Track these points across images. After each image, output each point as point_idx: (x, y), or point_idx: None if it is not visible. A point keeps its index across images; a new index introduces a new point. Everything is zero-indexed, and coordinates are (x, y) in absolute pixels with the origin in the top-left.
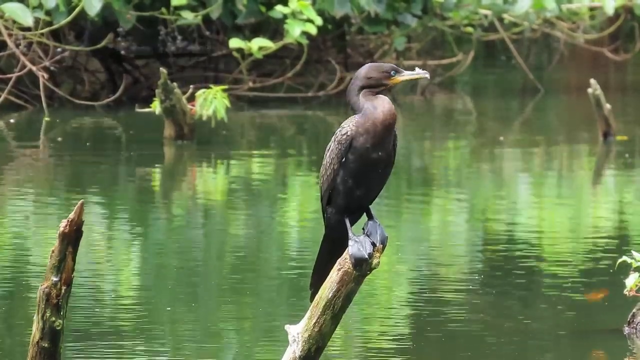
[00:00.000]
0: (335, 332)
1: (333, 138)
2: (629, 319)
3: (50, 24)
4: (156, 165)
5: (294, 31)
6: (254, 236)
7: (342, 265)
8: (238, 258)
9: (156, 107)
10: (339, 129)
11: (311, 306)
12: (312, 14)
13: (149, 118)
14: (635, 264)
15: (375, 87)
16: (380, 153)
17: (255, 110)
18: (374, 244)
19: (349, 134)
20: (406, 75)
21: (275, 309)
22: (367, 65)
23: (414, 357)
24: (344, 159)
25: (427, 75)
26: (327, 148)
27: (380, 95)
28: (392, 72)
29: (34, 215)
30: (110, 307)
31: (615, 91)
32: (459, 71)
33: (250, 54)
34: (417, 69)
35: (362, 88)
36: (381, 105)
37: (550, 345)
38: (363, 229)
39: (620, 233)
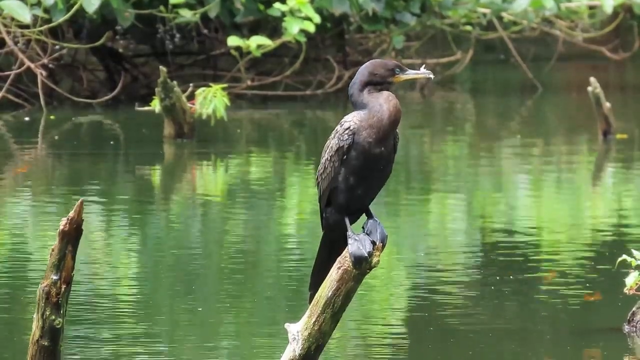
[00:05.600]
0: (335, 330)
1: (333, 134)
2: (628, 318)
3: (48, 21)
4: (156, 163)
5: (292, 29)
6: (253, 234)
7: (342, 263)
8: (237, 256)
9: (156, 105)
10: (339, 125)
11: (311, 305)
12: (310, 11)
13: (149, 116)
14: (635, 263)
15: (379, 84)
16: (382, 149)
17: (254, 108)
18: (373, 243)
19: (351, 128)
20: (410, 74)
21: (274, 307)
22: (372, 62)
23: (413, 356)
24: (345, 156)
25: (431, 75)
26: (326, 145)
27: (385, 92)
28: (396, 70)
29: (33, 214)
30: (110, 305)
31: (614, 90)
32: (458, 70)
33: (249, 52)
34: (422, 68)
35: (366, 84)
36: (387, 102)
37: (550, 344)
38: (363, 227)
39: (620, 231)
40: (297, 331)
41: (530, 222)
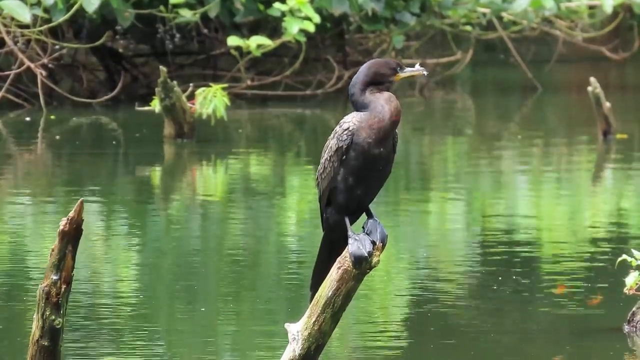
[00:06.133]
0: (335, 330)
1: (332, 134)
2: (628, 318)
3: (48, 21)
4: (156, 163)
5: (292, 29)
6: (253, 234)
7: (342, 263)
8: (237, 256)
9: (156, 105)
10: (338, 125)
11: (311, 304)
12: (310, 11)
13: (149, 116)
14: (635, 263)
15: (382, 83)
16: (381, 149)
17: (254, 108)
18: (373, 243)
19: (350, 128)
20: (407, 71)
21: (274, 307)
22: (374, 61)
23: (414, 356)
24: (344, 156)
25: (425, 73)
26: (326, 145)
27: (386, 92)
28: (397, 69)
29: (33, 214)
30: (110, 305)
31: (614, 90)
32: (458, 70)
33: (249, 52)
34: (417, 65)
35: (368, 84)
36: (389, 102)
37: (550, 344)
38: (363, 227)
39: (620, 231)
40: (297, 331)
41: (531, 222)
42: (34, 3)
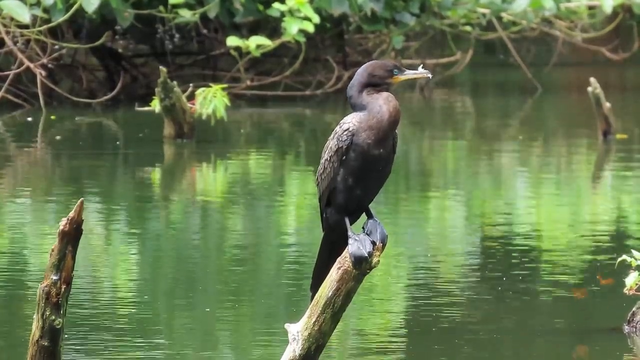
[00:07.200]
0: (335, 330)
1: (332, 135)
2: (628, 318)
3: (48, 21)
4: (156, 163)
5: (292, 29)
6: (253, 234)
7: (342, 263)
8: (237, 256)
9: (156, 105)
10: (338, 126)
11: (311, 305)
12: (309, 11)
13: (149, 116)
14: (635, 263)
15: (378, 85)
16: (381, 150)
17: (254, 108)
18: (373, 243)
19: (350, 129)
20: (408, 74)
21: (274, 307)
22: (371, 63)
23: (413, 355)
24: (344, 157)
25: (429, 75)
26: (326, 146)
27: (384, 93)
28: (395, 71)
29: (33, 214)
30: (110, 305)
31: (614, 90)
32: (458, 70)
33: (248, 53)
34: (419, 68)
35: (365, 86)
36: (387, 103)
37: (550, 344)
38: (363, 227)
39: (620, 232)
40: (297, 331)
41: (531, 222)
42: (33, 3)
